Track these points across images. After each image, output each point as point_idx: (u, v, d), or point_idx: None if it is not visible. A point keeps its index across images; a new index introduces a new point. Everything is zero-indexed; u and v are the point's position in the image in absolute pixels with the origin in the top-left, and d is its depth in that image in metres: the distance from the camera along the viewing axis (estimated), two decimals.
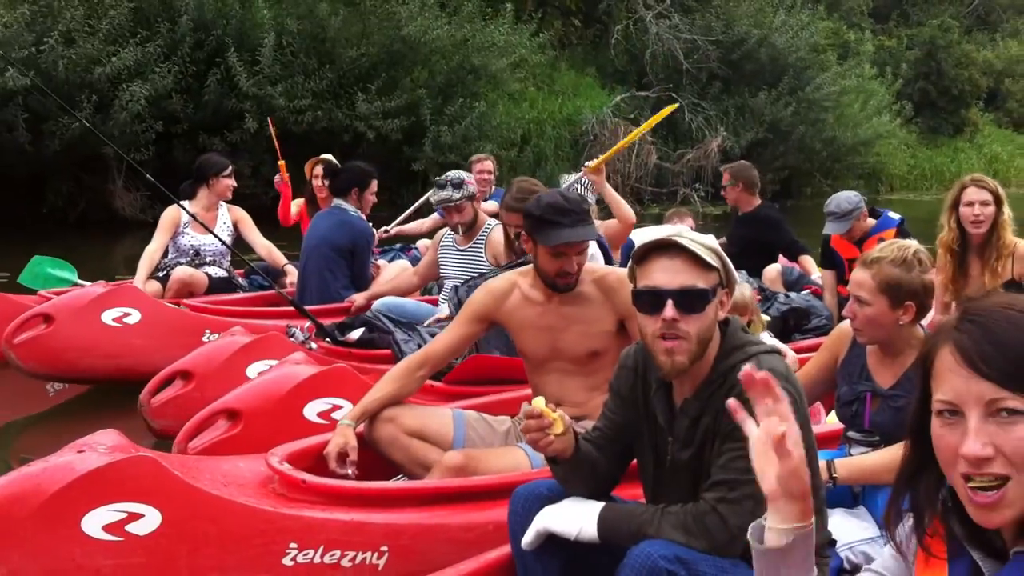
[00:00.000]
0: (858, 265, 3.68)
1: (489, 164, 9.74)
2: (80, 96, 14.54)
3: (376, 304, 6.66)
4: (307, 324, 6.34)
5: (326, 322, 6.42)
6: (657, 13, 24.71)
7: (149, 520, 3.37)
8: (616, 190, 7.14)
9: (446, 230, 6.71)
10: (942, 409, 1.68)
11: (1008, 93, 40.27)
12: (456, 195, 6.36)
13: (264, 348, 5.61)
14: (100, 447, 3.48)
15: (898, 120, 30.36)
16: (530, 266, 4.23)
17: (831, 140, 26.14)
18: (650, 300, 2.80)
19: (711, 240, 2.90)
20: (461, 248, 6.48)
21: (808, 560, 1.98)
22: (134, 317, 6.52)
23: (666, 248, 2.81)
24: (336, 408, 4.67)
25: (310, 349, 5.94)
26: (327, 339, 6.22)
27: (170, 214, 7.91)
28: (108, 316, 6.47)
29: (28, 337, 6.39)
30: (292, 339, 5.99)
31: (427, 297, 7.37)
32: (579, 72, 24.55)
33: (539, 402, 2.85)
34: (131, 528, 3.35)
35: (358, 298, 6.98)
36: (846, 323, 3.97)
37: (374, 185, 7.59)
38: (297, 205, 9.19)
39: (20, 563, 3.26)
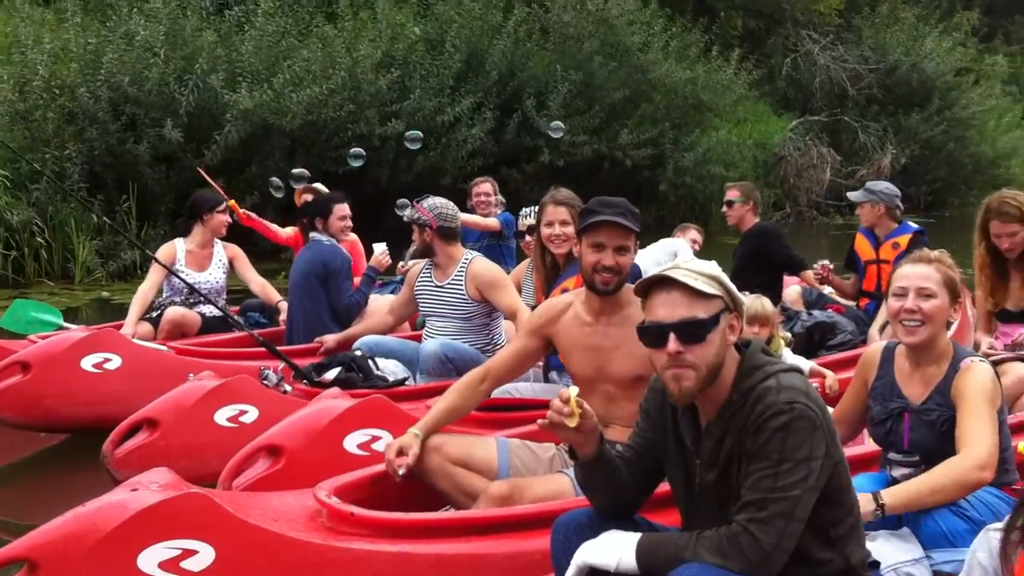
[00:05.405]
0: (913, 262, 3.84)
1: (487, 187, 9.67)
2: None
3: (357, 343, 6.55)
4: (282, 365, 6.27)
5: (306, 362, 6.35)
6: (823, 46, 27.84)
7: (203, 556, 3.39)
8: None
9: (424, 263, 6.63)
10: None
11: None
12: (405, 213, 6.61)
13: (232, 392, 5.59)
14: (153, 485, 3.49)
15: None
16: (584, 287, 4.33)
17: (975, 155, 29.22)
18: (653, 335, 2.90)
19: (711, 267, 2.96)
20: (440, 284, 6.40)
21: None
22: (114, 362, 6.42)
23: (663, 283, 2.91)
24: (375, 439, 4.71)
25: (284, 392, 5.91)
26: (304, 381, 6.12)
27: (164, 251, 7.84)
28: (87, 362, 6.36)
29: (4, 386, 6.27)
30: (265, 381, 5.91)
31: (414, 333, 7.29)
32: (753, 101, 27.13)
33: (573, 391, 2.98)
34: (186, 564, 3.37)
35: (328, 340, 6.86)
36: (872, 347, 4.11)
37: (338, 210, 7.55)
38: (288, 230, 9.16)
39: None
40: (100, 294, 13.31)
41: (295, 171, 9.14)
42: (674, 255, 7.56)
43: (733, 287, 2.96)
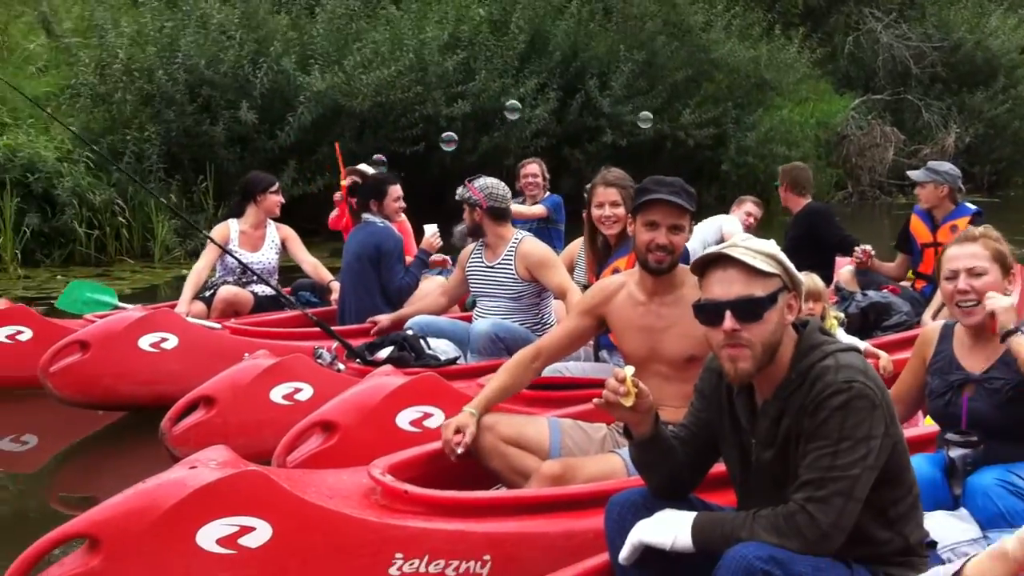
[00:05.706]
0: (959, 243, 3.79)
1: (535, 168, 9.58)
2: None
3: (408, 322, 6.58)
4: (335, 345, 6.31)
5: (358, 342, 6.39)
6: (885, 24, 27.66)
7: (261, 533, 3.43)
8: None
9: (475, 246, 6.64)
10: None
11: None
12: (458, 193, 6.52)
13: (288, 371, 5.67)
14: (211, 463, 3.54)
15: None
16: (637, 267, 4.34)
17: None
18: (709, 312, 2.88)
19: (769, 246, 2.94)
20: (490, 264, 6.41)
21: None
22: (171, 342, 6.49)
23: (720, 261, 2.89)
24: (427, 416, 4.77)
25: (338, 371, 5.95)
26: (357, 359, 6.17)
27: (218, 231, 7.96)
28: (145, 342, 6.44)
29: (64, 365, 6.37)
30: (319, 360, 5.96)
31: (464, 314, 7.29)
32: (815, 80, 26.92)
33: (629, 371, 2.99)
34: (243, 541, 3.41)
35: (381, 320, 6.85)
36: (931, 325, 4.06)
37: (393, 191, 7.58)
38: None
39: None
40: (180, 272, 13.42)
41: (374, 157, 9.29)
42: (720, 231, 7.53)
43: (791, 266, 2.94)
